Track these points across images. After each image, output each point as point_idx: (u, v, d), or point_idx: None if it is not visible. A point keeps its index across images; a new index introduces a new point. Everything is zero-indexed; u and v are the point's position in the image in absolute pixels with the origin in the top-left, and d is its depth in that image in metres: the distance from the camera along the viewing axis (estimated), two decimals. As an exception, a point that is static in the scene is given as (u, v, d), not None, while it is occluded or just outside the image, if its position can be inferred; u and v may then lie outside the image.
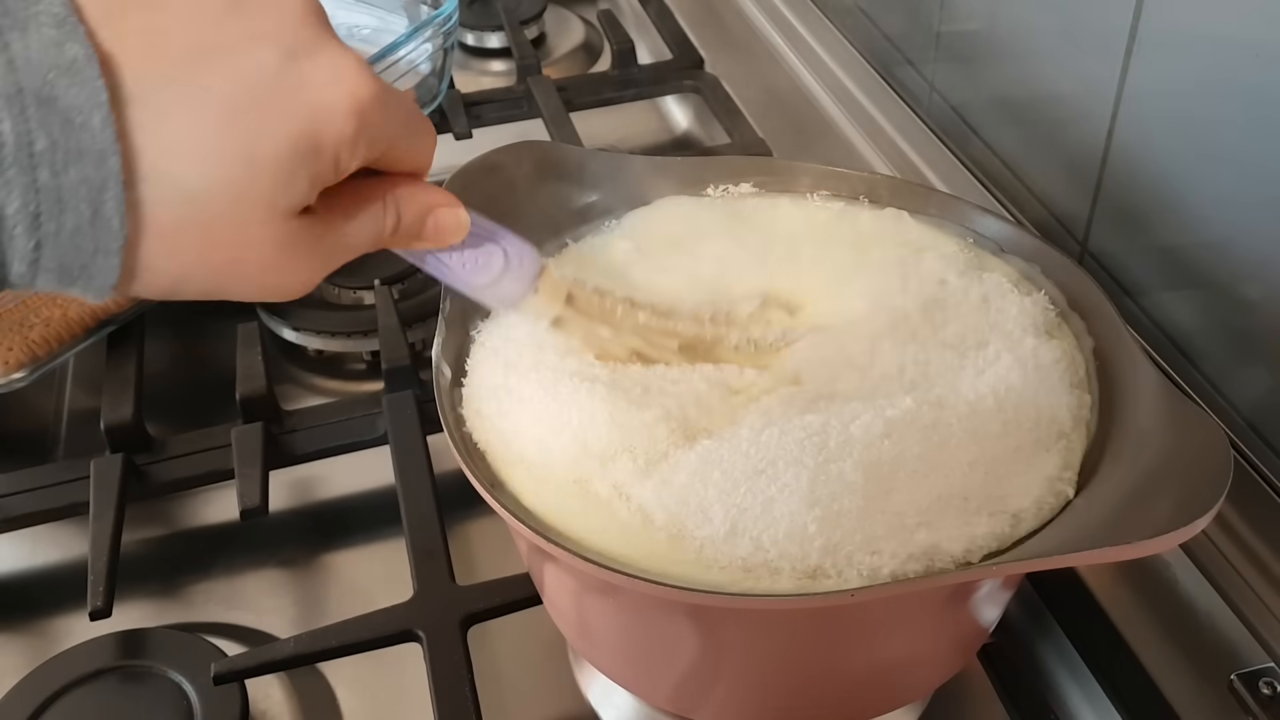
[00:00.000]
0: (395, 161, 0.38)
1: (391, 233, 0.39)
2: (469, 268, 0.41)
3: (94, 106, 0.30)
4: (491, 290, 0.42)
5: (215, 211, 0.33)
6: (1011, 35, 0.69)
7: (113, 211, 0.31)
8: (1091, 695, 0.51)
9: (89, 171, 0.30)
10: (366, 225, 0.38)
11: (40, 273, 0.31)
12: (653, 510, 0.41)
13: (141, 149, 0.31)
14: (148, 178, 0.31)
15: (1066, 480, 0.42)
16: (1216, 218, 0.54)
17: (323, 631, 0.52)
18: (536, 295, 0.42)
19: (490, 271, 0.41)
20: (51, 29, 0.30)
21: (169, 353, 0.75)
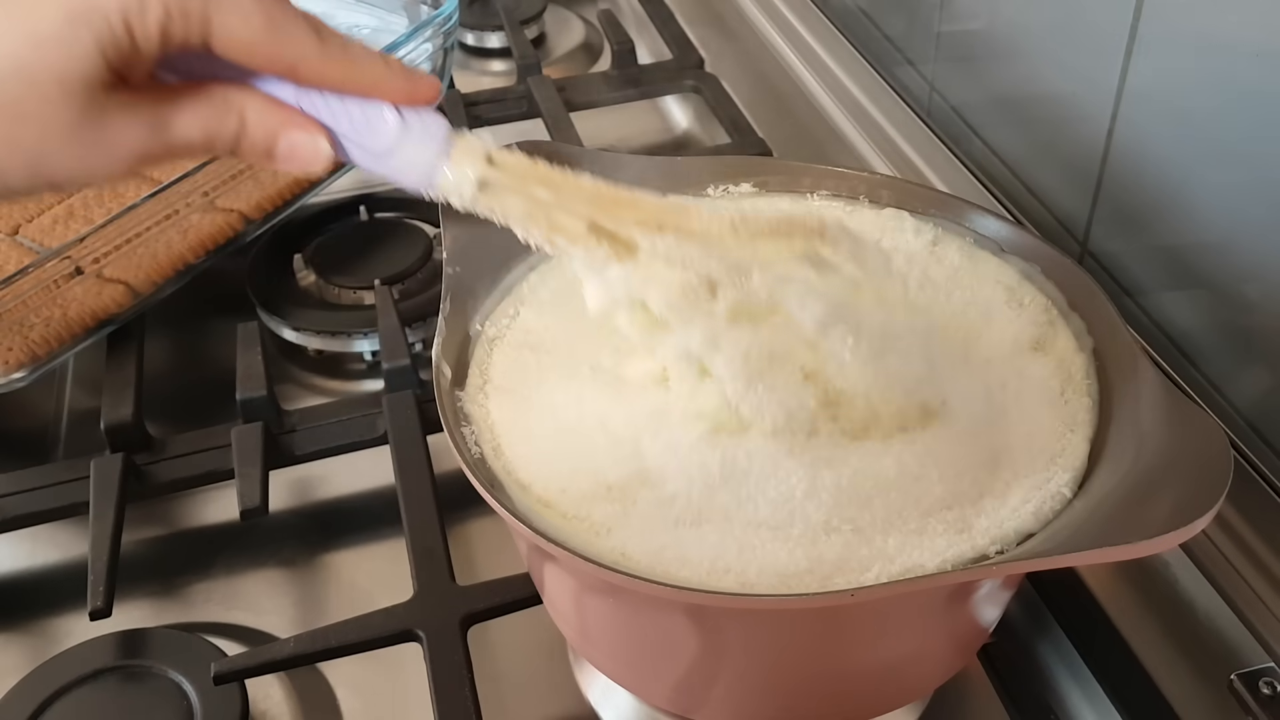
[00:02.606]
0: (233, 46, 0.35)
1: (234, 141, 0.37)
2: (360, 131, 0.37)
3: None
4: (397, 160, 0.38)
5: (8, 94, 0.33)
6: (1011, 35, 0.69)
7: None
8: (1091, 695, 0.51)
9: None
10: (197, 122, 0.36)
11: None
12: (632, 552, 0.40)
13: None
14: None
15: (1066, 481, 0.42)
16: (1216, 218, 0.54)
17: (323, 631, 0.52)
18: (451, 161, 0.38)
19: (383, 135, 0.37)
20: None
21: (169, 353, 0.75)
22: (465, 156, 0.39)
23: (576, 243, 0.40)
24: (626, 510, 0.42)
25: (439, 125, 0.39)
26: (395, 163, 0.38)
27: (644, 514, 0.41)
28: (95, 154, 0.35)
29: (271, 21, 0.35)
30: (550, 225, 0.40)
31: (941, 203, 0.54)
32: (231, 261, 0.73)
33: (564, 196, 0.40)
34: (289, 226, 0.77)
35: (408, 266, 0.75)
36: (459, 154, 0.39)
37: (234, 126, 0.36)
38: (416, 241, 0.77)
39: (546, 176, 0.40)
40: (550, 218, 0.40)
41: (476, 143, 0.39)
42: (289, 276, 0.75)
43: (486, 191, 0.39)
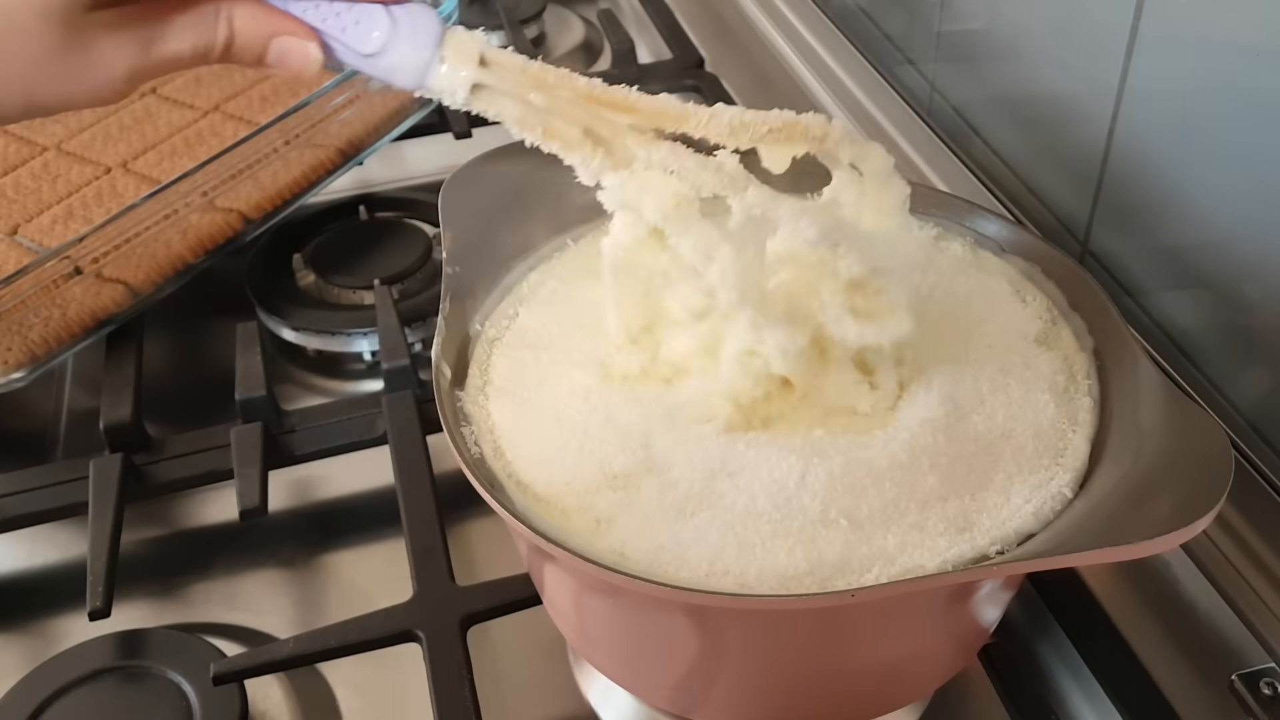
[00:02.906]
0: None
1: (224, 50, 0.36)
2: (350, 33, 0.37)
3: None
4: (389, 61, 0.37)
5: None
6: (1012, 35, 0.69)
7: None
8: (1091, 695, 0.51)
9: None
10: (187, 33, 0.35)
11: None
12: (630, 552, 0.40)
13: None
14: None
15: (1067, 482, 0.42)
16: (1217, 218, 0.54)
17: (322, 632, 0.52)
18: (444, 62, 0.38)
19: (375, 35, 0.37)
20: None
21: (168, 353, 0.75)
22: (458, 56, 0.38)
23: (571, 149, 0.40)
24: (630, 498, 0.42)
25: (431, 22, 0.38)
26: (386, 63, 0.37)
27: (646, 501, 0.41)
28: (85, 76, 0.34)
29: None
30: (545, 131, 0.39)
31: (942, 203, 0.54)
32: (231, 261, 0.73)
33: (559, 100, 0.39)
34: (288, 226, 0.77)
35: (407, 266, 0.75)
36: (452, 53, 0.38)
37: (224, 35, 0.36)
38: (416, 241, 0.77)
39: (541, 78, 0.39)
40: (545, 123, 0.39)
41: (470, 41, 0.39)
42: (288, 276, 0.75)
43: (480, 93, 0.39)
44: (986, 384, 0.45)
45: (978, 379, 0.45)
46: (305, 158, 0.75)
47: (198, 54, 0.36)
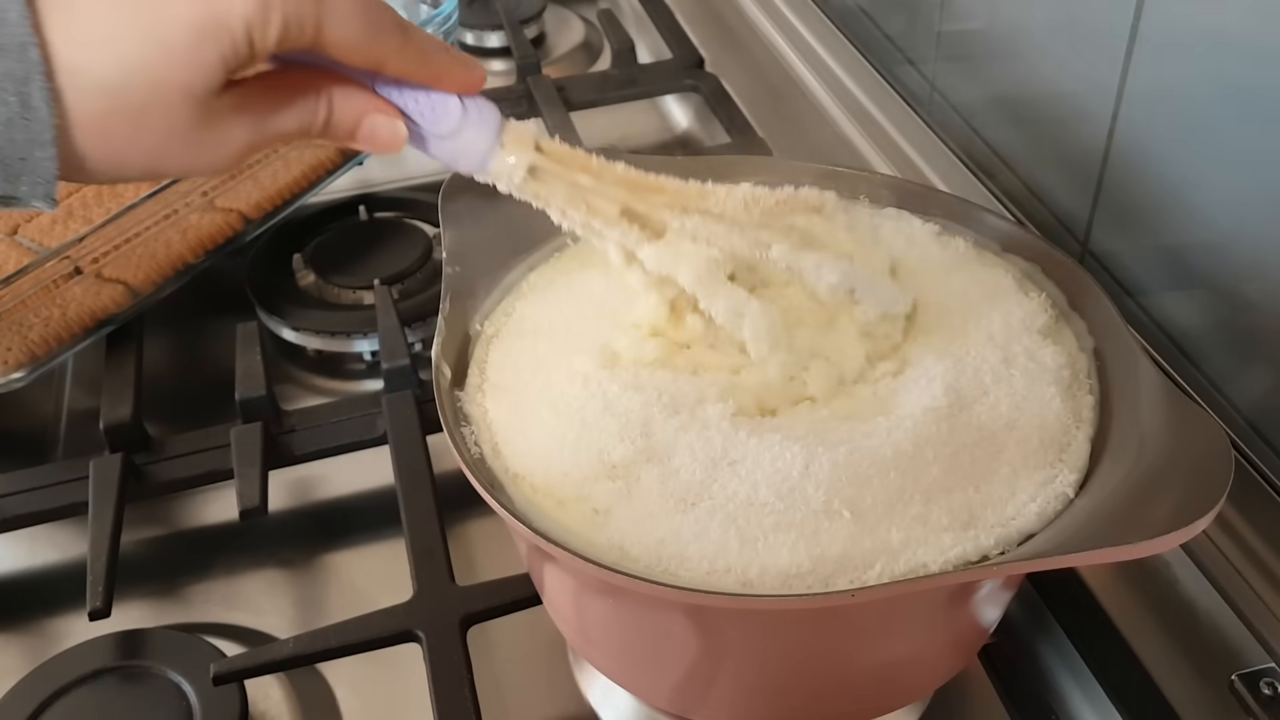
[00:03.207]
0: (338, 51, 0.37)
1: (323, 127, 0.39)
2: (427, 117, 0.40)
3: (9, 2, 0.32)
4: (455, 143, 0.41)
5: (135, 100, 0.34)
6: (1012, 35, 0.69)
7: (39, 100, 0.33)
8: (1091, 695, 0.51)
9: (12, 65, 0.32)
10: (294, 115, 0.38)
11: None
12: (630, 547, 0.40)
13: (56, 44, 0.33)
14: (66, 70, 0.33)
15: (1068, 482, 0.42)
16: (1217, 218, 0.54)
17: (322, 632, 0.52)
18: (504, 147, 0.41)
19: (449, 119, 0.40)
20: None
21: (168, 353, 0.75)
22: (517, 143, 0.42)
23: (612, 225, 0.44)
24: (629, 488, 0.42)
25: (493, 112, 0.41)
26: (455, 145, 0.41)
27: (646, 491, 0.41)
28: (211, 150, 0.37)
29: (369, 25, 0.37)
30: (589, 209, 0.43)
31: (942, 203, 0.54)
32: (231, 261, 0.73)
33: (601, 182, 0.43)
34: (288, 226, 0.77)
35: (407, 266, 0.75)
36: (511, 140, 0.42)
37: (324, 113, 0.39)
38: (416, 241, 0.77)
39: (586, 163, 0.43)
40: (589, 202, 0.43)
41: (526, 130, 0.42)
42: (288, 276, 0.75)
43: (534, 176, 0.42)
44: (989, 374, 0.45)
45: (980, 369, 0.45)
46: (305, 157, 0.75)
47: (301, 131, 0.39)
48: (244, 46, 0.35)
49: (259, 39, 0.35)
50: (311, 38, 0.36)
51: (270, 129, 0.38)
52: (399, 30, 0.38)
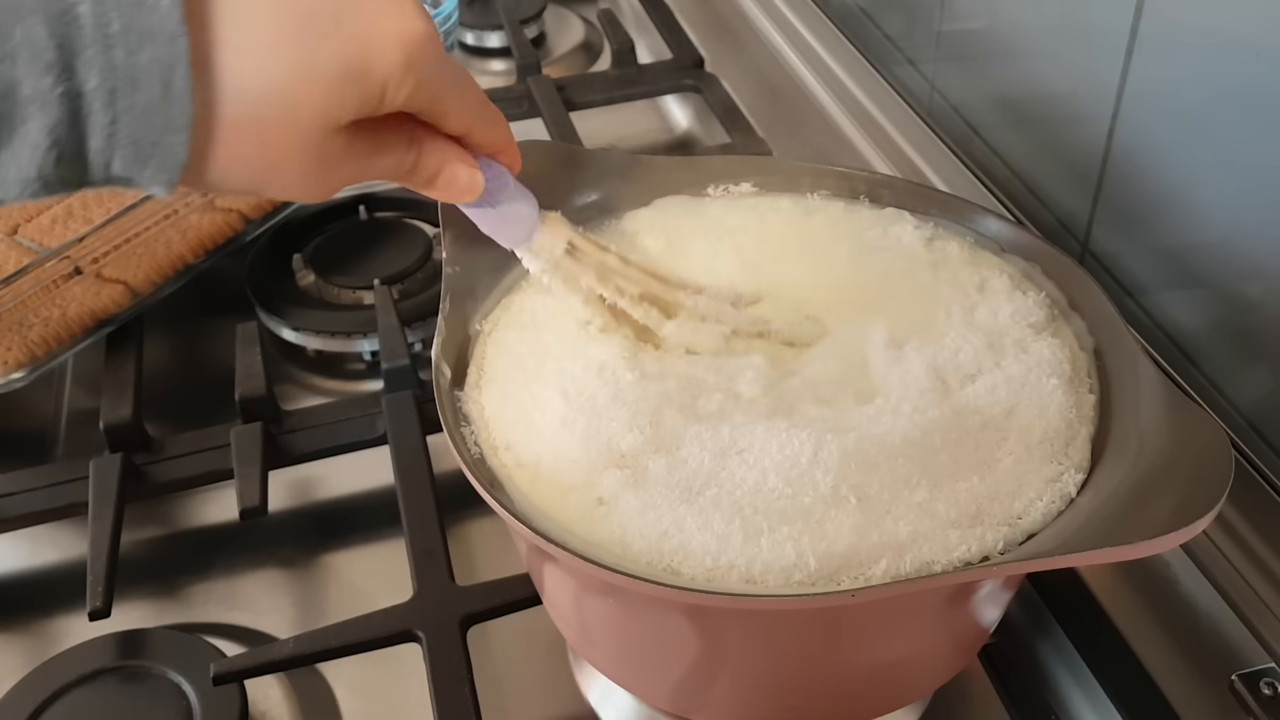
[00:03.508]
0: (442, 116, 0.41)
1: (409, 172, 0.42)
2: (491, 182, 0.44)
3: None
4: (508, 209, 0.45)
5: (271, 114, 0.36)
6: (1012, 34, 0.69)
7: (181, 90, 0.34)
8: (1091, 695, 0.51)
9: (160, 51, 0.33)
10: (390, 158, 0.41)
11: (116, 148, 0.34)
12: (632, 539, 0.40)
13: (207, 38, 0.34)
14: (211, 66, 0.34)
15: (1074, 481, 0.42)
16: (1217, 218, 0.54)
17: (322, 632, 0.52)
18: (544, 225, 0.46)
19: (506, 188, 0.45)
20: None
21: (168, 353, 0.75)
22: (555, 225, 0.47)
23: (635, 305, 0.48)
24: (636, 477, 0.42)
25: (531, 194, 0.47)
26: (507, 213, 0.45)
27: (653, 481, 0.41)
28: (315, 182, 0.39)
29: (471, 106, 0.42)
30: (618, 288, 0.48)
31: (942, 202, 0.54)
32: (231, 261, 0.73)
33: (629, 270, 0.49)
34: (288, 226, 0.77)
35: (407, 266, 0.75)
36: (550, 225, 0.47)
37: (413, 159, 0.42)
38: (416, 241, 0.77)
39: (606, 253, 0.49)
40: (616, 283, 0.48)
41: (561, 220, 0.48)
42: (288, 276, 0.75)
43: (570, 254, 0.47)
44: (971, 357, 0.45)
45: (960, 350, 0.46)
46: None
47: (393, 173, 0.41)
48: (377, 98, 0.37)
49: (391, 95, 0.38)
50: (428, 103, 0.39)
51: (369, 170, 0.40)
52: (487, 106, 0.43)
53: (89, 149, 0.33)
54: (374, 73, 0.37)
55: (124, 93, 0.33)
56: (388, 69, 0.37)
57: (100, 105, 0.33)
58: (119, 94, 0.33)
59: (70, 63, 0.32)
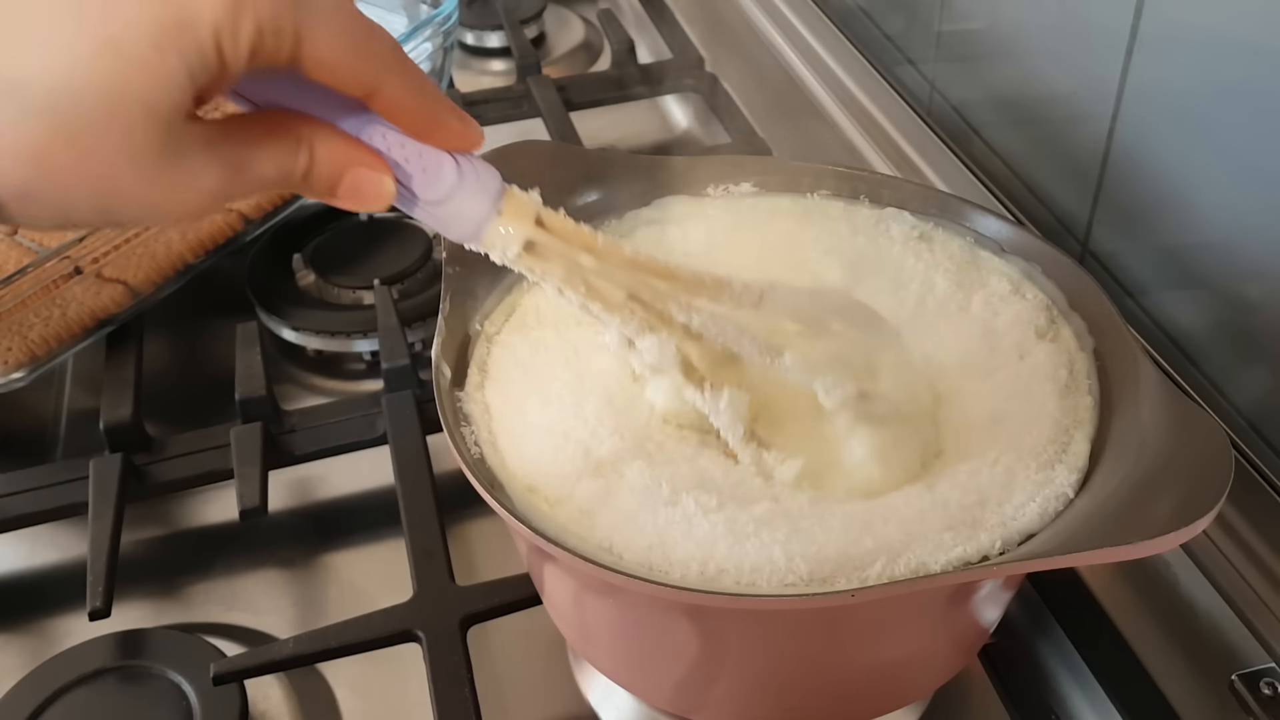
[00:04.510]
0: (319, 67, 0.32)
1: (303, 177, 0.34)
2: (417, 178, 0.36)
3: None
4: (448, 210, 0.37)
5: (85, 117, 0.29)
6: (1012, 34, 0.69)
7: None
8: (1091, 695, 0.51)
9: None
10: (272, 159, 0.33)
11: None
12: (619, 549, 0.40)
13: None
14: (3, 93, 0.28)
15: (1068, 482, 0.42)
16: (1217, 218, 0.54)
17: (322, 632, 0.52)
18: (500, 217, 0.37)
19: (440, 185, 0.36)
20: None
21: (168, 353, 0.75)
22: (515, 214, 0.38)
23: (613, 311, 0.40)
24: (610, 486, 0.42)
25: (492, 178, 0.38)
26: (445, 212, 0.37)
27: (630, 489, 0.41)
28: (172, 191, 0.32)
29: (359, 42, 0.33)
30: (589, 290, 0.39)
31: (942, 202, 0.54)
32: (231, 261, 0.73)
33: (605, 263, 0.40)
34: (288, 226, 0.77)
35: (408, 266, 0.75)
36: (509, 211, 0.38)
37: (304, 161, 0.34)
38: (416, 241, 0.77)
39: (589, 242, 0.40)
40: (589, 283, 0.39)
41: (527, 201, 0.38)
42: (288, 276, 0.75)
43: (530, 251, 0.38)
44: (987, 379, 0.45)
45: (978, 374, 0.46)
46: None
47: (279, 178, 0.34)
48: (212, 56, 0.30)
49: (229, 47, 0.30)
50: (290, 49, 0.31)
51: (245, 173, 0.33)
52: (395, 55, 0.34)
53: None
54: (194, 27, 0.29)
55: None
56: (211, 17, 0.29)
57: None
58: None
59: None
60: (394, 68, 0.34)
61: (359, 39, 0.33)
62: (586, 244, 0.39)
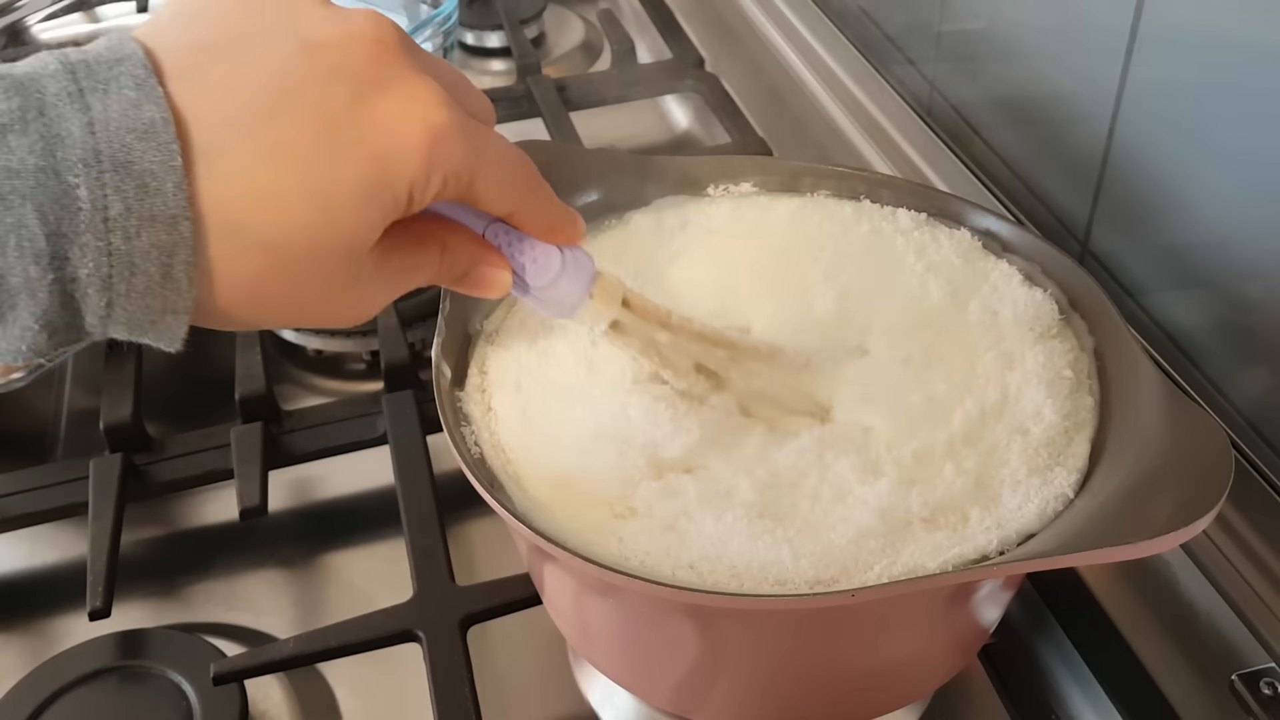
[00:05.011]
0: (480, 200, 0.37)
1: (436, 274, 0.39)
2: (529, 269, 0.40)
3: (167, 171, 0.31)
4: (550, 292, 0.41)
5: (293, 258, 0.33)
6: (1012, 34, 0.69)
7: (181, 274, 0.32)
8: (1091, 695, 0.51)
9: (161, 236, 0.31)
10: (426, 268, 0.38)
11: (111, 325, 0.32)
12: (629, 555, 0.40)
13: (215, 204, 0.32)
14: (217, 229, 0.32)
15: (1068, 482, 0.42)
16: (1217, 217, 0.54)
17: (322, 632, 0.52)
18: (593, 300, 0.42)
19: (549, 272, 0.41)
20: (131, 90, 0.31)
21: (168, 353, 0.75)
22: (605, 296, 0.42)
23: (681, 376, 0.44)
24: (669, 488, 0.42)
25: (588, 264, 0.42)
26: (549, 295, 0.41)
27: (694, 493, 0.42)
28: (352, 309, 0.36)
29: (515, 177, 0.38)
30: (662, 360, 0.44)
31: (942, 202, 0.54)
32: (231, 261, 0.73)
33: (678, 337, 0.44)
34: (289, 226, 0.77)
35: (407, 266, 0.75)
36: (600, 293, 0.42)
37: (439, 261, 0.38)
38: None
39: (665, 319, 0.44)
40: (662, 354, 0.44)
41: (617, 284, 0.43)
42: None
43: (615, 329, 0.43)
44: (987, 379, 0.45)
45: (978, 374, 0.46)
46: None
47: (427, 282, 0.39)
48: (404, 204, 0.34)
49: (419, 196, 0.34)
50: (465, 190, 0.36)
51: (405, 285, 0.38)
52: (534, 181, 0.39)
53: (83, 324, 0.32)
54: (398, 182, 0.34)
55: (120, 278, 0.31)
56: (409, 175, 0.34)
57: (95, 290, 0.31)
58: (115, 279, 0.31)
59: (63, 250, 0.30)
60: (532, 192, 0.39)
61: (515, 174, 0.38)
62: (663, 321, 0.44)
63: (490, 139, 0.37)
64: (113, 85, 0.31)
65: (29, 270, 0.30)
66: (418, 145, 0.33)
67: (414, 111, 0.34)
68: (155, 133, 0.31)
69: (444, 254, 0.38)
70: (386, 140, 0.33)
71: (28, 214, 0.30)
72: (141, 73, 0.31)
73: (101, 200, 0.30)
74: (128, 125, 0.31)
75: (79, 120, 0.30)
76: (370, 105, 0.33)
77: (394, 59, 0.34)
